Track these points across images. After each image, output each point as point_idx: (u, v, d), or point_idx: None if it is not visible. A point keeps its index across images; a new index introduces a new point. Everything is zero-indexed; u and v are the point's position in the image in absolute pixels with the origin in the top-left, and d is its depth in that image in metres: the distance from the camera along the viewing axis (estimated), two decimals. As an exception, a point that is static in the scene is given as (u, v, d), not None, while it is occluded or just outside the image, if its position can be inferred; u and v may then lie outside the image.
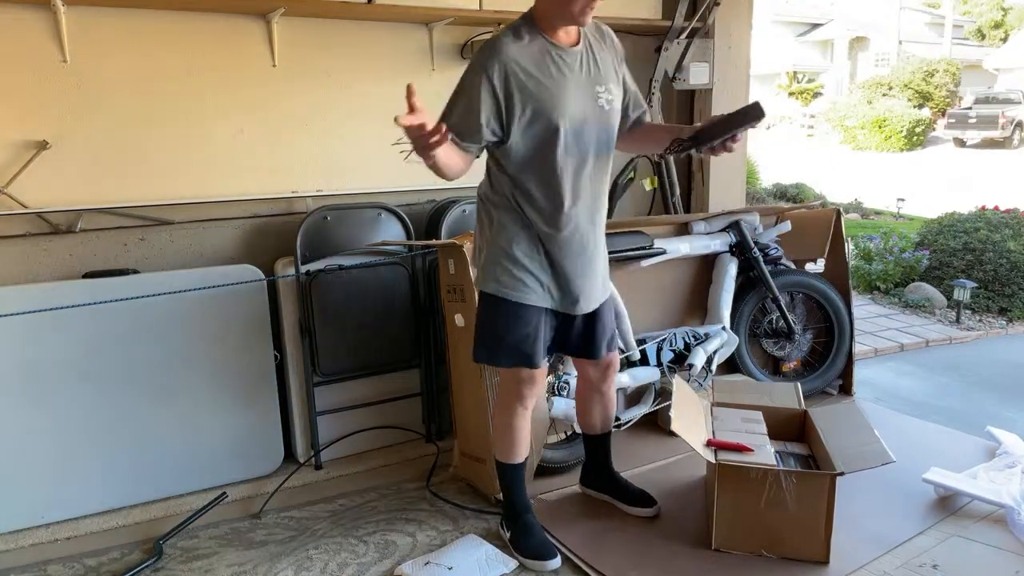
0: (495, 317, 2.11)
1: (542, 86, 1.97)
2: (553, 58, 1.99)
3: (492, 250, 2.09)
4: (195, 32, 2.78)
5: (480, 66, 1.96)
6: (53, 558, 2.34)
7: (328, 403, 2.96)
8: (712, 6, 3.64)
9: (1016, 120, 18.74)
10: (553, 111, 1.97)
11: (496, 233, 2.08)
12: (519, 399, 2.22)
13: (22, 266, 2.63)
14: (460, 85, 2.00)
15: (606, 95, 2.06)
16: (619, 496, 2.52)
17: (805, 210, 3.70)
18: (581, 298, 2.13)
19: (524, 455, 2.31)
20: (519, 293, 2.06)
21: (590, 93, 2.04)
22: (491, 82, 1.94)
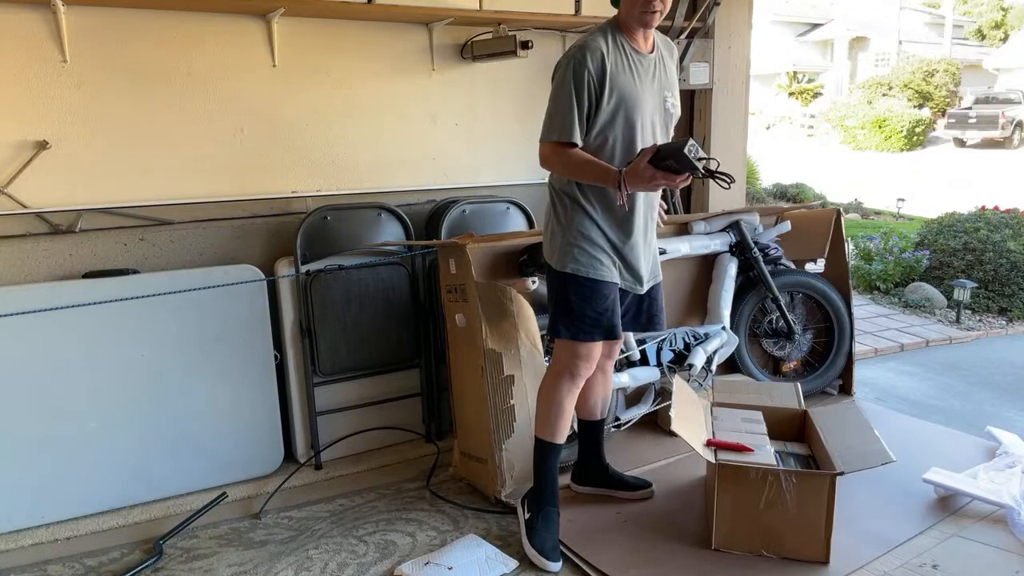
0: (575, 295, 2.23)
1: (626, 83, 2.14)
2: (632, 60, 2.17)
3: (569, 234, 2.23)
4: (195, 32, 2.78)
5: (572, 61, 2.11)
6: (53, 558, 2.34)
7: (328, 403, 2.96)
8: (712, 6, 3.64)
9: (1016, 120, 18.74)
10: (634, 107, 2.15)
11: (571, 219, 2.23)
12: (573, 376, 2.29)
13: (22, 266, 2.63)
14: (557, 86, 2.15)
15: (671, 99, 2.26)
16: (618, 486, 2.58)
17: (805, 210, 3.70)
18: (645, 276, 2.32)
19: (564, 437, 2.36)
20: (597, 271, 2.22)
21: (660, 95, 2.23)
22: (584, 75, 2.10)
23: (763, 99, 22.86)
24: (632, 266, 2.27)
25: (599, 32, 2.17)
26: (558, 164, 2.18)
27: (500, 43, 3.18)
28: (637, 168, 1.99)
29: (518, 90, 3.48)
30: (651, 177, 1.97)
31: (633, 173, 2.00)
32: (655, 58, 2.22)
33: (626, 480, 2.61)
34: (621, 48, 2.16)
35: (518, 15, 3.15)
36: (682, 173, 1.95)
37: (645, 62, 2.19)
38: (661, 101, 2.24)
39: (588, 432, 2.57)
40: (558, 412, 2.31)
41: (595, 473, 2.60)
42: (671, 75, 2.29)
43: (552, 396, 2.31)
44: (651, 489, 2.59)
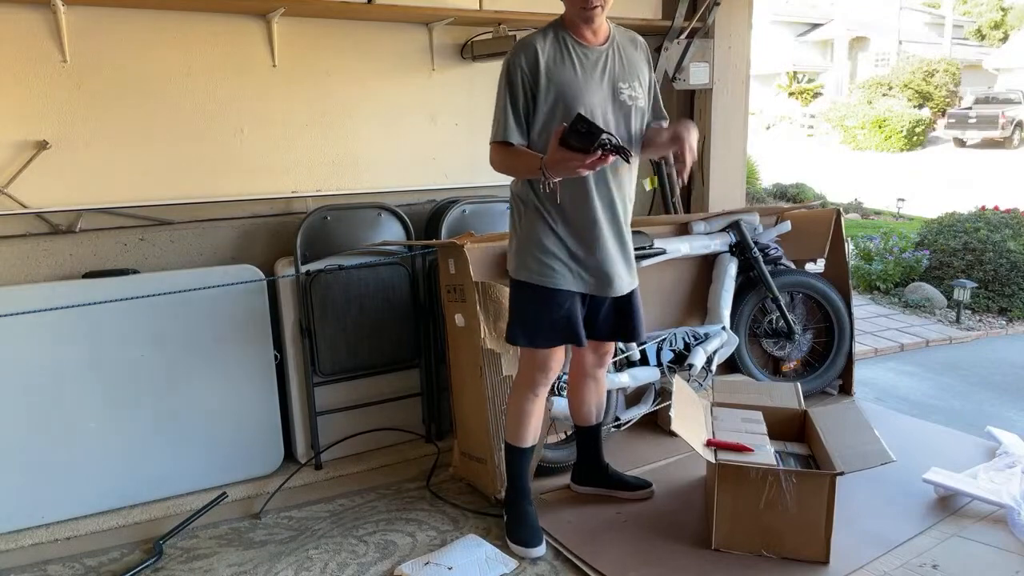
0: (528, 303, 2.22)
1: (565, 76, 2.10)
2: (575, 53, 2.12)
3: (522, 241, 2.21)
4: (195, 32, 2.78)
5: (506, 61, 2.12)
6: (53, 558, 2.34)
7: (328, 403, 2.96)
8: (712, 6, 3.64)
9: (1016, 120, 18.74)
10: (574, 100, 2.09)
11: (526, 224, 2.20)
12: (532, 385, 2.30)
13: (22, 266, 2.63)
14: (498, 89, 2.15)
15: (629, 91, 2.17)
16: (618, 486, 2.58)
17: (805, 210, 3.70)
18: (615, 280, 2.22)
19: (531, 441, 2.36)
20: (550, 279, 2.18)
21: (611, 88, 2.15)
22: (517, 73, 2.09)
23: (763, 99, 22.85)
24: (601, 270, 2.20)
25: (540, 30, 2.15)
26: (499, 165, 2.16)
27: (500, 43, 3.18)
28: (551, 152, 1.93)
29: (518, 90, 3.47)
30: (564, 159, 1.89)
31: (549, 158, 1.93)
32: (606, 50, 2.16)
33: (626, 480, 2.62)
34: (561, 42, 2.12)
35: (518, 15, 3.15)
36: (587, 151, 1.86)
37: (592, 54, 2.14)
38: (612, 93, 2.16)
39: (584, 436, 2.58)
40: (520, 419, 2.33)
41: (594, 474, 2.61)
42: (631, 66, 2.20)
43: (514, 403, 2.35)
44: (651, 489, 2.59)
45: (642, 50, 2.28)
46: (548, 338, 2.22)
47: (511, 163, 2.13)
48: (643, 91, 2.23)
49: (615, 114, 2.17)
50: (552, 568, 2.22)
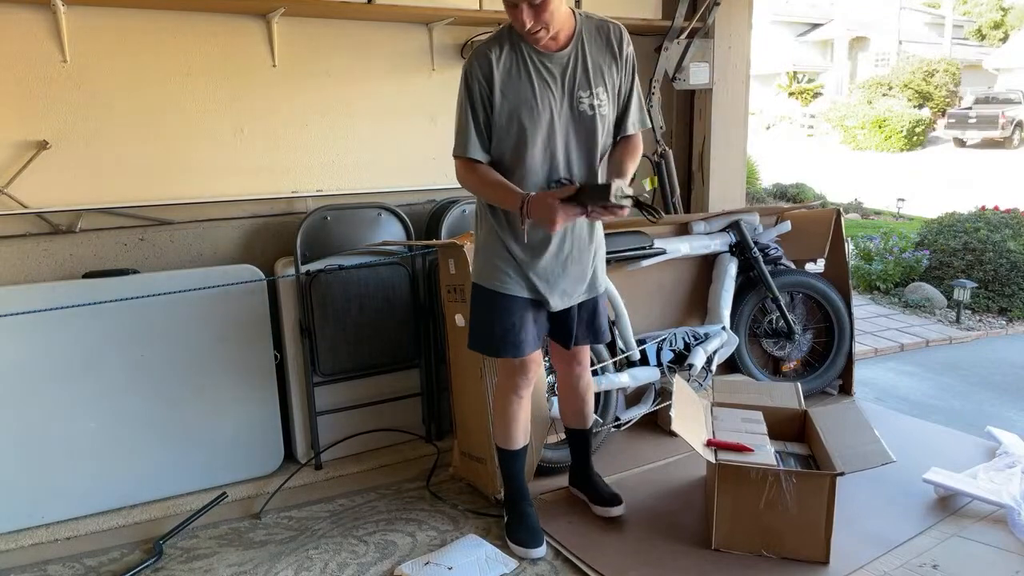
0: (483, 308, 2.19)
1: (520, 88, 2.02)
2: (532, 62, 2.03)
3: (481, 245, 2.21)
4: (195, 32, 2.78)
5: (464, 72, 2.06)
6: (53, 558, 2.34)
7: (328, 403, 2.96)
8: (712, 6, 3.64)
9: (1016, 120, 18.74)
10: (529, 113, 2.02)
11: (485, 229, 2.18)
12: (513, 388, 2.29)
13: (22, 266, 2.63)
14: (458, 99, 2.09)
15: (589, 100, 2.05)
16: (591, 496, 2.53)
17: (805, 210, 3.70)
18: (554, 296, 2.16)
19: (521, 443, 2.36)
20: (501, 284, 2.14)
21: (569, 98, 2.04)
22: (474, 85, 2.03)
23: (763, 99, 22.86)
24: (548, 281, 2.14)
25: (495, 36, 2.05)
26: (467, 182, 2.09)
27: (500, 43, 3.18)
28: (544, 202, 1.89)
29: (518, 90, 3.47)
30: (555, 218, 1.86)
31: (539, 204, 1.90)
32: (568, 55, 2.03)
33: (600, 492, 2.51)
34: (517, 50, 2.02)
35: (518, 15, 3.14)
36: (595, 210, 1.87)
37: (551, 62, 2.02)
38: (572, 103, 2.04)
39: (571, 439, 2.57)
40: (507, 422, 2.33)
41: (578, 476, 2.59)
42: (594, 68, 2.05)
43: (499, 407, 2.36)
44: (621, 507, 2.45)
45: (614, 41, 2.09)
46: (498, 346, 2.18)
47: (483, 189, 2.06)
48: (608, 95, 2.08)
49: (576, 134, 2.06)
50: (552, 568, 2.23)
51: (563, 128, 2.05)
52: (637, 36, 3.69)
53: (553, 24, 1.96)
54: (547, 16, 1.92)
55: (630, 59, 2.13)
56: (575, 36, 2.05)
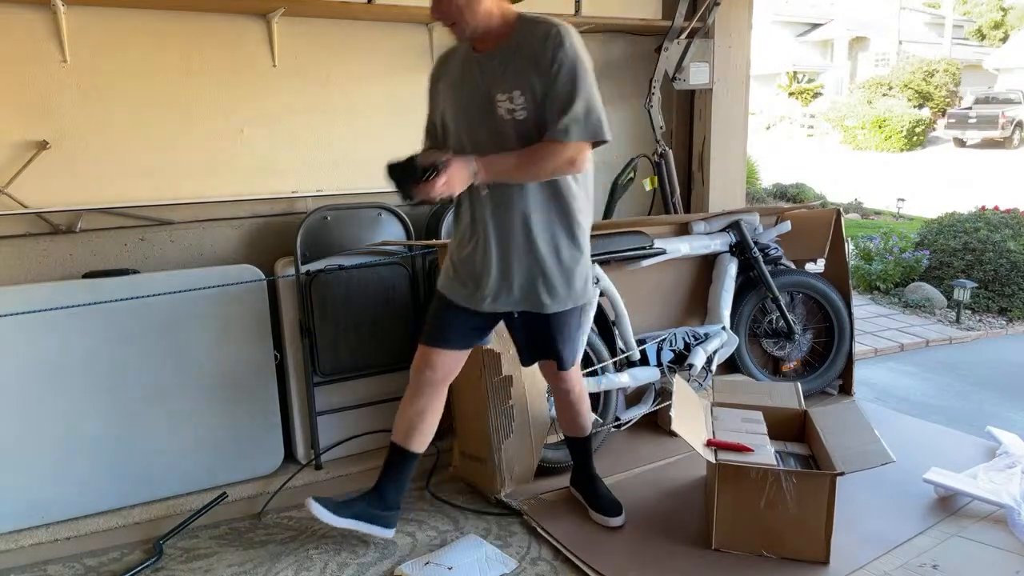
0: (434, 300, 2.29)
1: (452, 89, 2.09)
2: (468, 62, 2.06)
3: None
4: (195, 32, 2.78)
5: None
6: (53, 558, 2.34)
7: (328, 403, 2.96)
8: (712, 6, 3.64)
9: (1016, 120, 18.75)
10: (454, 114, 2.09)
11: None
12: (413, 377, 2.28)
13: (22, 266, 2.63)
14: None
15: (507, 104, 1.98)
16: (591, 501, 2.48)
17: (805, 210, 3.70)
18: (489, 297, 2.13)
19: (403, 441, 2.30)
20: (441, 282, 2.24)
21: (489, 100, 2.00)
22: (429, 83, 2.17)
23: (763, 99, 22.86)
24: (476, 278, 2.12)
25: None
26: None
27: (500, 43, 3.18)
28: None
29: (518, 90, 3.47)
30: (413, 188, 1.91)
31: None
32: (497, 55, 1.99)
33: (600, 499, 2.46)
34: (464, 51, 2.07)
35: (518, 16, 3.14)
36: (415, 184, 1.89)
37: (480, 63, 2.02)
38: (490, 105, 1.99)
39: (568, 445, 2.55)
40: (400, 413, 2.32)
41: (579, 480, 2.55)
42: (519, 72, 1.96)
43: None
44: (618, 519, 2.41)
45: (544, 43, 1.94)
46: (424, 332, 2.25)
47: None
48: (529, 99, 1.96)
49: (489, 137, 2.02)
50: (552, 568, 2.23)
51: (478, 130, 2.05)
52: (637, 36, 3.71)
53: (466, 18, 1.93)
54: (449, 7, 1.93)
55: (561, 62, 1.94)
56: (509, 38, 2.00)
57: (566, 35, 1.95)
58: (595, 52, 3.64)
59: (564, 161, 1.97)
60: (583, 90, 1.95)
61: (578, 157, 1.98)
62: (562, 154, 1.96)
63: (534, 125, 1.98)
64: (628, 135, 3.81)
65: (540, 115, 1.97)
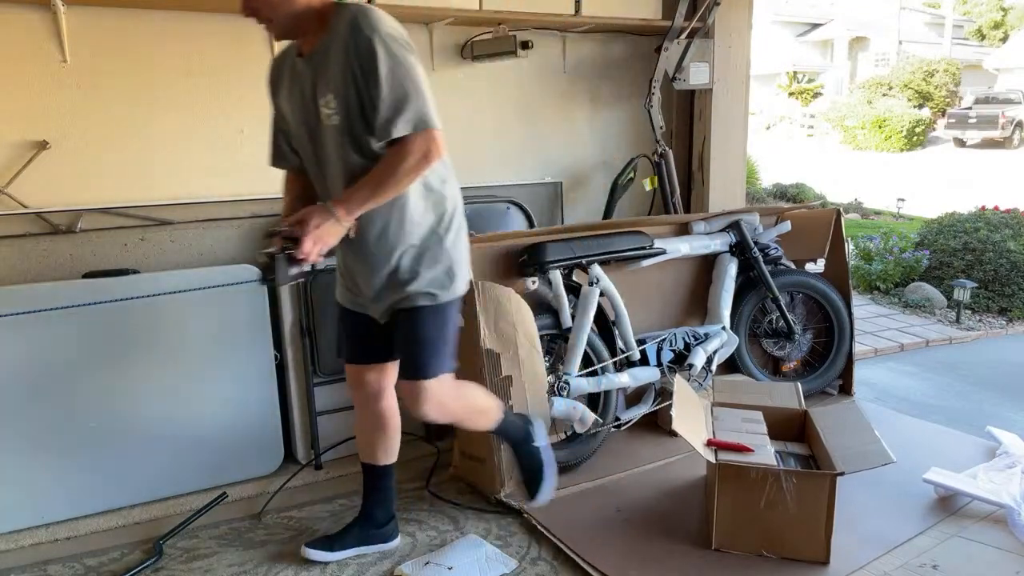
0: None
1: (282, 97, 2.00)
2: (291, 68, 1.94)
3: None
4: (195, 32, 2.78)
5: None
6: (53, 558, 2.34)
7: (328, 403, 2.95)
8: (712, 6, 3.64)
9: (1016, 120, 18.75)
10: (292, 132, 2.01)
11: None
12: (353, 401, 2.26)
13: (22, 266, 2.63)
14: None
15: (325, 108, 1.84)
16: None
17: (805, 210, 3.70)
18: (360, 297, 2.10)
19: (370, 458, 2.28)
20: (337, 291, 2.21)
21: (313, 107, 1.88)
22: (268, 89, 2.06)
23: (763, 99, 22.85)
24: (355, 281, 2.07)
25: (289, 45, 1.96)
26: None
27: (500, 43, 3.18)
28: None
29: (518, 90, 3.48)
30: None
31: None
32: (317, 56, 1.83)
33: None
34: (291, 55, 1.93)
35: (518, 15, 3.15)
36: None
37: (302, 66, 1.88)
38: (316, 112, 1.86)
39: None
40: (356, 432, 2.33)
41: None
42: (332, 72, 1.80)
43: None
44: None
45: (352, 36, 1.75)
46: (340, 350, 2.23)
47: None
48: (343, 100, 1.81)
49: (327, 147, 1.89)
50: (552, 568, 2.23)
51: (319, 146, 1.91)
52: (637, 36, 3.71)
53: (279, 14, 1.80)
54: (258, 2, 1.79)
55: (367, 48, 1.74)
56: (327, 34, 1.82)
57: (364, 19, 1.75)
58: (595, 52, 3.66)
59: (413, 162, 1.78)
60: (394, 79, 1.74)
61: (426, 149, 1.79)
62: (405, 156, 1.78)
63: (360, 127, 1.83)
64: (628, 135, 3.81)
65: (359, 118, 1.81)
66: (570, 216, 3.67)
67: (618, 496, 2.61)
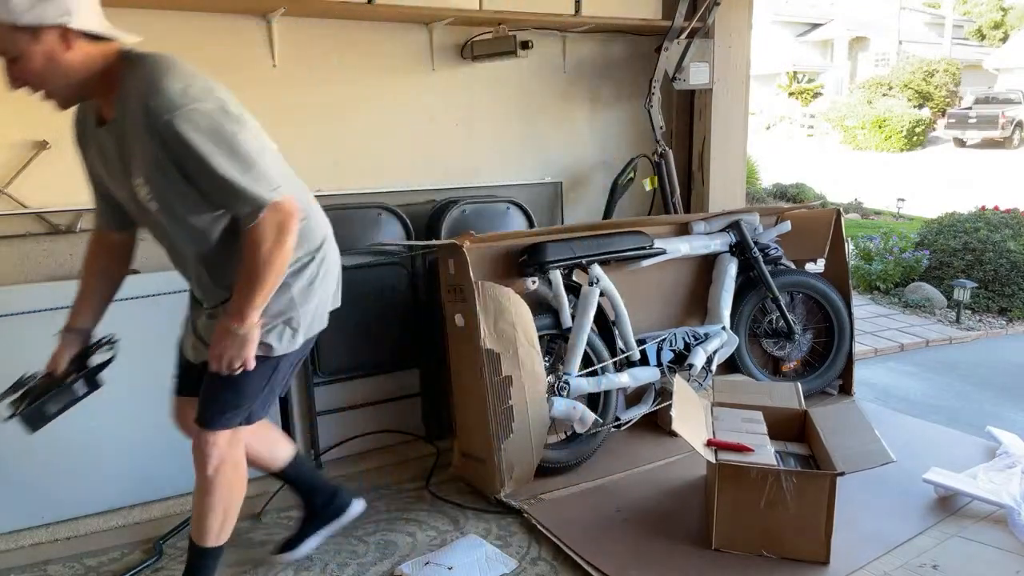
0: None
1: (94, 169, 1.80)
2: (92, 133, 1.70)
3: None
4: (195, 32, 2.78)
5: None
6: (53, 558, 2.34)
7: (328, 403, 2.96)
8: (712, 6, 3.63)
9: (1016, 120, 18.76)
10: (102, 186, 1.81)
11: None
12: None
13: (22, 266, 2.63)
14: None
15: (140, 191, 1.62)
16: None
17: (805, 210, 3.70)
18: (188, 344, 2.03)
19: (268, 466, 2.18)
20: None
21: (128, 182, 1.65)
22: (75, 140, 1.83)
23: (763, 99, 22.86)
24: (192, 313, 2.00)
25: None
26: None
27: (500, 43, 3.18)
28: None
29: (518, 90, 3.48)
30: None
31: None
32: (115, 126, 1.60)
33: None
34: (90, 118, 1.69)
35: (518, 15, 3.15)
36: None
37: (101, 138, 1.65)
38: (131, 191, 1.64)
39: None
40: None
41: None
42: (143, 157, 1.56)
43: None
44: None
45: (154, 127, 1.51)
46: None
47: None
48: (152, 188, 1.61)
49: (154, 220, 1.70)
50: (552, 568, 2.23)
51: (145, 215, 1.70)
52: (637, 36, 3.70)
53: (53, 82, 1.52)
54: (24, 74, 1.49)
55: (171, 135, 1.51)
56: (120, 95, 1.57)
57: (157, 99, 1.50)
58: (595, 52, 3.66)
59: (271, 243, 1.62)
60: (215, 163, 1.53)
61: (278, 223, 1.62)
62: (260, 241, 1.62)
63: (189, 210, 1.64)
64: (628, 135, 3.81)
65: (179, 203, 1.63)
66: (570, 216, 3.67)
67: (618, 496, 2.61)
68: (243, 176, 1.56)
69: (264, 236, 1.62)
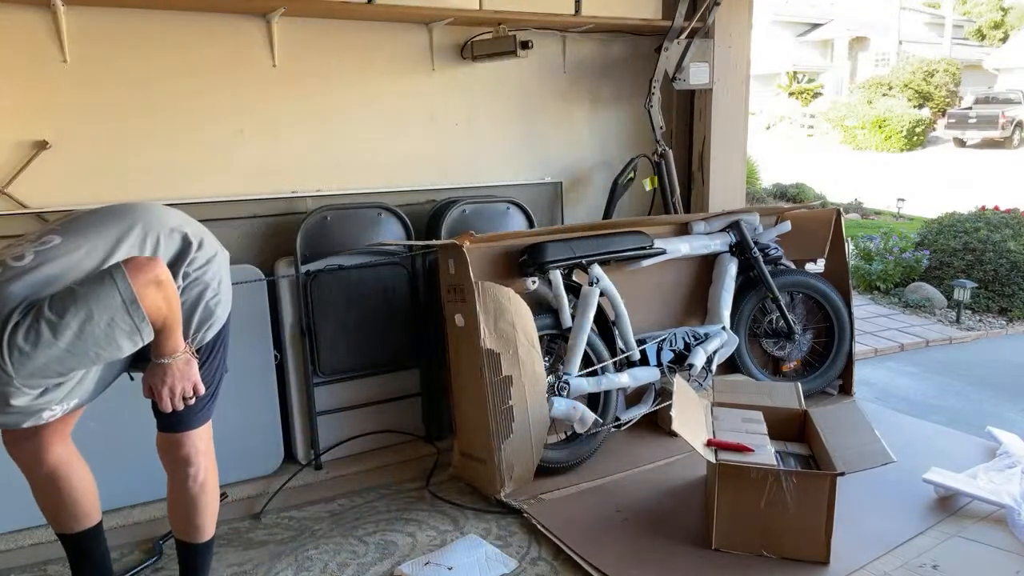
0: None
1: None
2: None
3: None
4: (195, 32, 2.78)
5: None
6: (53, 558, 2.34)
7: (328, 403, 2.96)
8: (712, 6, 3.63)
9: (1016, 120, 18.76)
10: None
11: None
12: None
13: (22, 266, 2.62)
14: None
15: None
16: None
17: (805, 210, 3.70)
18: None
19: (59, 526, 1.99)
20: None
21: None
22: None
23: (763, 99, 22.85)
24: None
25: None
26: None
27: (500, 43, 3.18)
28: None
29: (518, 90, 3.48)
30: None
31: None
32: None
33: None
34: None
35: (518, 15, 3.15)
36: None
37: None
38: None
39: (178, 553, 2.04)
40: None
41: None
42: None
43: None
44: None
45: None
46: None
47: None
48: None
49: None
50: (552, 568, 2.23)
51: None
52: (637, 36, 3.70)
53: None
54: None
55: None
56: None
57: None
58: (595, 52, 3.66)
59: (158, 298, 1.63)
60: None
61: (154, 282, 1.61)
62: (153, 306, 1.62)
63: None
64: (628, 135, 3.81)
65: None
66: (570, 216, 3.67)
67: (618, 496, 2.61)
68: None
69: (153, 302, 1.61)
